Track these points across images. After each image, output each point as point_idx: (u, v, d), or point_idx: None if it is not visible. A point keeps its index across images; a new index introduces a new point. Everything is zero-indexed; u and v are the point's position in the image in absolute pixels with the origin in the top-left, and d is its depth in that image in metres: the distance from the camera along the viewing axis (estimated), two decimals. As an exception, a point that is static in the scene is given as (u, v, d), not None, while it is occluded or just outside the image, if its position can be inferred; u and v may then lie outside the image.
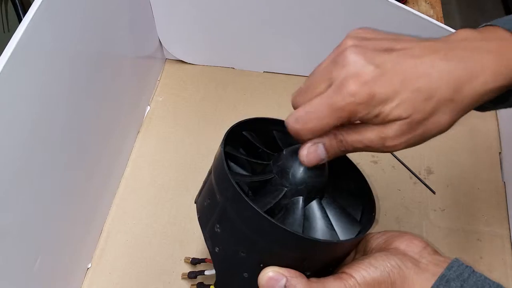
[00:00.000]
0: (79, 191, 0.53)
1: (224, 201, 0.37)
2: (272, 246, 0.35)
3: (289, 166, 0.38)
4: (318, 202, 0.39)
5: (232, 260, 0.38)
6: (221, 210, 0.37)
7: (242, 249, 0.37)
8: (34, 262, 0.45)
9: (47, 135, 0.45)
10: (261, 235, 0.35)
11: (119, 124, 0.63)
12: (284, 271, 0.35)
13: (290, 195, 0.38)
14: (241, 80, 0.75)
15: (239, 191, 0.35)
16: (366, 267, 0.36)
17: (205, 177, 0.42)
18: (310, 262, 0.37)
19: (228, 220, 0.37)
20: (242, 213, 0.35)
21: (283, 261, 0.36)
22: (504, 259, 0.57)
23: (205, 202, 0.40)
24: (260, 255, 0.36)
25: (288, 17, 0.66)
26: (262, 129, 0.44)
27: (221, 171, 0.37)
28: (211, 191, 0.39)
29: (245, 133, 0.43)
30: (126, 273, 0.57)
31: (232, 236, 0.37)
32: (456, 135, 0.68)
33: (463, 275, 0.34)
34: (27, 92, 0.41)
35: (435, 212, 0.61)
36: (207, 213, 0.39)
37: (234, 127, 0.41)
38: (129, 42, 0.63)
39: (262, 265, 0.36)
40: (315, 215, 0.39)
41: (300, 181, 0.38)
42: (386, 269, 0.35)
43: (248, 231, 0.35)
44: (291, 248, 0.35)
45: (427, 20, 0.58)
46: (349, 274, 0.36)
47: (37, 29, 0.41)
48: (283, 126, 0.44)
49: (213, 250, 0.39)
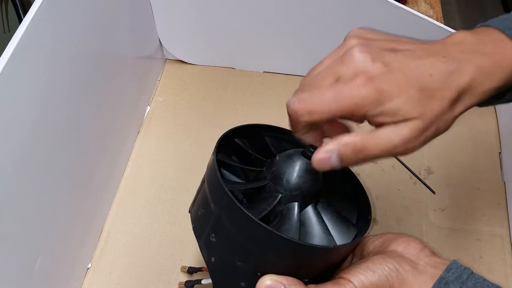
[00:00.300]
0: (79, 191, 0.53)
1: (219, 210, 0.36)
2: (268, 253, 0.35)
3: (283, 172, 0.37)
4: (313, 207, 0.39)
5: (228, 269, 0.37)
6: (215, 219, 0.37)
7: (238, 258, 0.36)
8: (34, 262, 0.45)
9: (47, 135, 0.45)
10: (257, 243, 0.35)
11: (119, 124, 0.63)
12: (282, 279, 0.35)
13: (285, 201, 0.38)
14: (241, 80, 0.75)
15: (233, 199, 0.34)
16: (364, 271, 0.35)
17: (199, 186, 0.42)
18: (307, 269, 0.36)
19: (223, 229, 0.36)
20: (237, 222, 0.35)
21: (280, 269, 0.36)
22: (504, 259, 0.57)
23: (199, 212, 0.39)
24: (257, 263, 0.36)
25: (288, 17, 0.66)
26: (254, 135, 0.43)
27: (214, 179, 0.37)
28: (205, 200, 0.38)
29: (237, 140, 0.42)
30: (126, 273, 0.57)
31: (228, 245, 0.36)
32: (456, 135, 0.68)
33: (461, 277, 0.34)
34: (27, 92, 0.41)
35: (435, 212, 0.61)
36: (202, 223, 0.39)
37: (226, 135, 0.41)
38: (129, 42, 0.63)
39: (259, 274, 0.36)
40: (311, 220, 0.39)
41: (295, 187, 0.37)
42: (384, 273, 0.35)
43: (244, 240, 0.35)
44: (287, 255, 0.35)
45: (426, 21, 0.58)
46: (347, 279, 0.35)
47: (38, 29, 0.41)
48: (275, 132, 0.44)
49: (209, 260, 0.38)
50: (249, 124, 0.43)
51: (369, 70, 0.32)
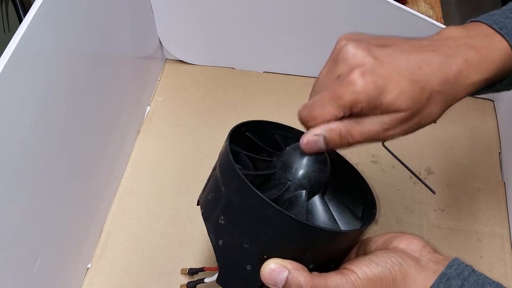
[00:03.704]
0: (79, 191, 0.53)
1: (229, 191, 0.37)
2: (276, 234, 0.35)
3: (293, 161, 0.38)
4: (320, 197, 0.40)
5: (235, 252, 0.38)
6: (226, 201, 0.37)
7: (246, 239, 0.37)
8: (34, 262, 0.45)
9: (47, 135, 0.45)
10: (265, 223, 0.35)
11: (119, 124, 0.63)
12: (286, 263, 0.35)
13: (293, 189, 0.39)
14: (241, 80, 0.75)
15: (244, 179, 0.35)
16: (367, 263, 0.36)
17: (208, 176, 0.43)
18: (313, 254, 0.37)
19: (233, 210, 0.37)
20: (247, 201, 0.36)
21: (287, 252, 0.36)
22: (504, 259, 0.57)
23: (209, 196, 0.40)
24: (264, 246, 0.36)
25: (288, 17, 0.66)
26: (264, 132, 0.44)
27: (226, 163, 0.38)
28: (215, 185, 0.39)
29: (249, 134, 0.43)
30: (126, 273, 0.57)
31: (237, 227, 0.37)
32: (456, 135, 0.68)
33: (463, 274, 0.34)
34: (27, 92, 0.41)
35: (435, 212, 0.61)
36: (211, 207, 0.39)
37: (238, 127, 0.42)
38: (129, 42, 0.63)
39: (265, 257, 0.36)
40: (318, 209, 0.40)
41: (304, 176, 0.38)
42: (387, 266, 0.35)
43: (253, 220, 0.36)
44: (295, 236, 0.35)
45: (426, 21, 0.58)
46: (350, 269, 0.36)
47: (38, 29, 0.41)
48: (284, 130, 0.45)
49: (216, 244, 0.39)
50: (261, 120, 0.44)
51: (363, 63, 0.34)
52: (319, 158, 0.38)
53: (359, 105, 0.34)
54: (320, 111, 0.35)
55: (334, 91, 0.34)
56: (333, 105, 0.34)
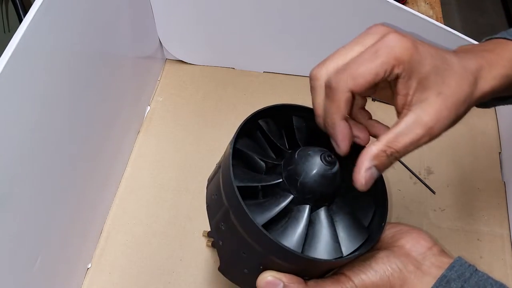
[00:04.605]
0: (79, 191, 0.53)
1: (228, 205, 0.37)
2: (271, 255, 0.35)
3: (298, 174, 0.37)
4: (325, 209, 0.39)
5: (234, 256, 0.38)
6: (225, 212, 0.37)
7: (243, 250, 0.37)
8: (34, 262, 0.45)
9: (47, 135, 0.45)
10: (260, 244, 0.35)
11: (119, 124, 0.63)
12: (282, 276, 0.36)
13: (296, 202, 0.38)
14: (241, 80, 0.75)
15: (241, 203, 0.34)
16: (366, 270, 0.36)
17: (218, 161, 0.42)
18: (308, 273, 0.37)
19: (231, 223, 0.37)
20: (243, 222, 0.35)
21: (282, 268, 0.36)
22: (504, 259, 0.57)
23: (213, 196, 0.40)
24: (260, 260, 0.36)
25: (288, 17, 0.66)
26: (281, 115, 0.43)
27: (227, 176, 0.36)
28: (218, 188, 0.38)
29: (261, 122, 0.42)
30: (126, 273, 0.57)
31: (234, 238, 0.37)
32: (456, 135, 0.68)
33: (464, 275, 0.34)
34: (27, 92, 0.41)
35: (435, 212, 0.61)
36: (214, 207, 0.39)
37: (251, 118, 0.41)
38: (129, 42, 0.63)
39: (261, 268, 0.36)
40: (321, 223, 0.38)
41: (308, 191, 0.37)
42: (386, 273, 0.35)
43: (249, 239, 0.36)
44: (288, 260, 0.35)
45: (426, 21, 0.58)
46: (348, 276, 0.36)
47: (38, 29, 0.41)
48: (303, 111, 0.43)
49: (217, 242, 0.39)
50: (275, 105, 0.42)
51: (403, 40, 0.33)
52: (327, 174, 0.37)
53: (401, 65, 0.33)
54: (362, 69, 0.33)
55: (376, 47, 0.33)
56: (376, 62, 0.33)
